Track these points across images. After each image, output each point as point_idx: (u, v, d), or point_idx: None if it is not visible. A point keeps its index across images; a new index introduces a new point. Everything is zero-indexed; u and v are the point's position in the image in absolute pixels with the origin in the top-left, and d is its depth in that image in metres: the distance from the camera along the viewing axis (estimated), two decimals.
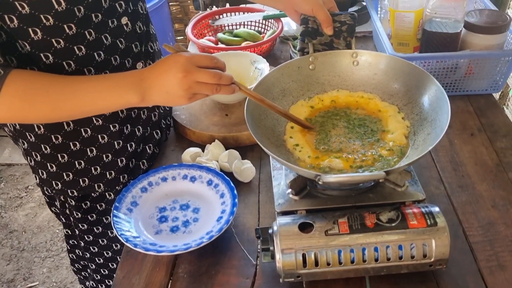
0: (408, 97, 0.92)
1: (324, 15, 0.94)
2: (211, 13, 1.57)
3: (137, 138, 1.02)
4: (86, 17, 0.82)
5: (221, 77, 0.80)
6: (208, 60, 0.80)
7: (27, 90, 0.78)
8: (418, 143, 0.85)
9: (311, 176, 0.74)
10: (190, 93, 0.79)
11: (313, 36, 0.97)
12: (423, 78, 0.89)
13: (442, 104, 0.82)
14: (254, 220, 0.92)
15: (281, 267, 0.74)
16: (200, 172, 0.98)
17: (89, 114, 0.87)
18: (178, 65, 0.77)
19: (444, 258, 0.74)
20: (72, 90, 0.80)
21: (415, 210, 0.77)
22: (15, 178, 2.58)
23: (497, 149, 1.04)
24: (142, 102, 0.81)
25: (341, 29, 0.96)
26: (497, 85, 1.21)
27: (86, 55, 0.85)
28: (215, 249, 0.86)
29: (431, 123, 0.84)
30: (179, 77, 0.77)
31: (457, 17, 1.13)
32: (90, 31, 0.83)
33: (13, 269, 2.11)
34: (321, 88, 0.98)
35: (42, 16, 0.77)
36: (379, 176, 0.71)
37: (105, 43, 0.87)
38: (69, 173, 0.97)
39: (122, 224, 0.88)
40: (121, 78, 0.82)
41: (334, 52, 0.97)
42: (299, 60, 0.97)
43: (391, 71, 0.94)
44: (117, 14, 0.88)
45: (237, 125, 1.11)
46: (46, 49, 0.81)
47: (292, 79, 0.97)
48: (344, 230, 0.75)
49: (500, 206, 0.90)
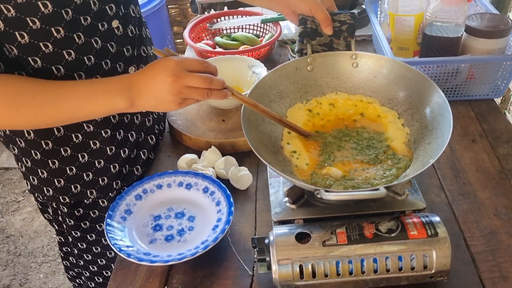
0: (409, 103, 0.90)
1: (323, 14, 0.91)
2: (209, 17, 1.55)
3: (130, 144, 1.00)
4: (75, 20, 0.80)
5: (212, 81, 0.78)
6: (198, 64, 0.78)
7: (12, 96, 0.76)
8: (418, 152, 0.82)
9: (310, 189, 0.72)
10: (180, 98, 0.77)
11: (312, 36, 0.95)
12: (425, 85, 0.86)
13: (443, 112, 0.80)
14: (250, 228, 0.90)
15: (277, 279, 0.72)
16: (196, 179, 0.96)
17: (76, 120, 0.85)
18: (167, 69, 0.75)
19: (446, 270, 0.72)
20: (58, 95, 0.78)
21: (415, 220, 0.75)
22: (12, 182, 2.56)
23: (499, 156, 1.01)
24: (131, 107, 0.79)
25: (341, 28, 0.93)
26: (498, 90, 1.19)
27: (75, 59, 0.83)
28: (210, 259, 0.84)
29: (432, 132, 0.82)
30: (168, 82, 0.75)
31: (458, 21, 1.11)
32: (79, 35, 0.81)
33: (9, 274, 2.09)
34: (319, 90, 0.96)
35: (28, 19, 0.75)
36: (380, 195, 0.69)
37: (95, 47, 0.85)
38: (60, 179, 0.96)
39: (115, 233, 0.86)
40: (109, 83, 0.80)
41: (333, 53, 0.95)
42: (296, 61, 0.95)
43: (392, 75, 0.92)
44: (107, 17, 0.86)
45: (234, 131, 1.09)
46: (34, 53, 0.79)
47: (289, 81, 0.94)
48: (342, 241, 0.73)
49: (502, 215, 0.88)
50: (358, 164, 0.83)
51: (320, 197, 0.69)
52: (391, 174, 0.80)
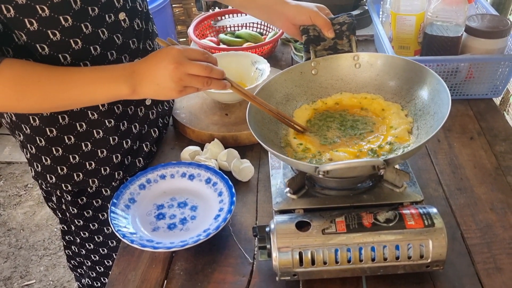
0: (411, 94, 0.92)
1: (322, 20, 0.96)
2: (213, 14, 1.57)
3: (133, 135, 1.02)
4: (83, 10, 0.82)
5: (212, 70, 0.80)
6: (199, 54, 0.81)
7: (18, 78, 0.78)
8: (421, 136, 0.85)
9: (310, 169, 0.74)
10: (180, 86, 0.79)
11: (317, 42, 0.98)
12: (422, 73, 0.89)
13: (442, 96, 0.82)
14: (251, 219, 0.92)
15: (277, 265, 0.74)
16: (198, 171, 0.98)
17: (79, 105, 0.87)
18: (170, 57, 0.78)
19: (441, 259, 0.74)
20: (63, 80, 0.80)
21: (413, 211, 0.76)
22: (14, 176, 2.58)
23: (496, 153, 1.03)
24: (133, 94, 0.81)
25: (342, 29, 0.97)
26: (497, 90, 1.21)
27: (82, 48, 0.85)
28: (212, 247, 0.86)
29: (433, 116, 0.84)
30: (170, 69, 0.77)
31: (458, 21, 1.13)
32: (86, 25, 0.84)
33: (10, 266, 2.10)
34: (324, 92, 0.99)
35: (38, 7, 0.77)
36: (378, 163, 0.70)
37: (102, 37, 0.87)
38: (63, 167, 0.97)
39: (119, 220, 0.88)
40: (113, 70, 0.82)
41: (336, 56, 0.98)
42: (301, 66, 0.98)
43: (392, 70, 0.95)
44: (115, 9, 0.88)
45: (236, 125, 1.11)
46: (42, 40, 0.81)
47: (295, 84, 0.97)
48: (342, 229, 0.74)
49: (498, 209, 0.90)
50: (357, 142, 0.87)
51: (321, 173, 0.70)
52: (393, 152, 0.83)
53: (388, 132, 0.88)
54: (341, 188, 0.84)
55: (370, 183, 0.84)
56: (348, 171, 0.76)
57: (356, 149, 0.85)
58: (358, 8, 1.57)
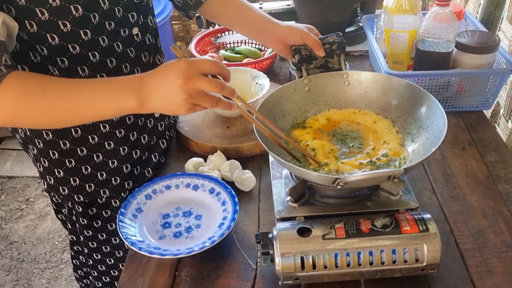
0: (400, 110, 0.97)
1: (313, 39, 1.00)
2: (213, 31, 1.63)
3: (142, 146, 1.06)
4: (100, 24, 0.87)
5: (223, 88, 0.76)
6: (212, 65, 0.76)
7: (23, 88, 0.75)
8: (419, 148, 0.90)
9: (329, 181, 0.77)
10: (189, 103, 0.75)
11: (309, 61, 1.03)
12: (413, 91, 0.95)
13: (435, 111, 0.88)
14: (254, 227, 0.96)
15: (280, 270, 0.78)
16: (202, 181, 1.02)
17: (84, 121, 0.83)
18: (178, 71, 0.73)
19: (436, 263, 0.78)
20: (69, 90, 0.77)
21: (408, 217, 0.81)
22: (16, 190, 2.61)
23: (487, 163, 1.08)
24: (141, 108, 0.77)
25: (332, 48, 1.02)
26: (487, 103, 1.26)
27: (99, 61, 0.90)
28: (216, 254, 0.90)
29: (427, 129, 0.90)
30: (178, 84, 0.73)
31: (448, 37, 1.19)
32: (103, 38, 0.88)
33: (12, 280, 2.12)
34: (317, 108, 1.03)
35: (60, 22, 0.82)
36: (398, 173, 0.75)
37: (117, 50, 0.92)
38: (76, 178, 1.01)
39: (128, 228, 0.92)
40: (121, 82, 0.79)
41: (327, 74, 1.03)
42: (294, 83, 1.03)
43: (380, 87, 1.00)
44: (129, 24, 0.92)
45: (238, 137, 1.15)
46: (62, 54, 0.86)
47: (290, 100, 1.02)
48: (341, 235, 0.79)
49: (489, 216, 0.94)
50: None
51: (342, 184, 0.74)
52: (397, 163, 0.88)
53: (382, 146, 0.92)
54: (340, 196, 0.88)
55: (367, 192, 0.88)
56: (367, 182, 0.80)
57: (357, 161, 0.89)
58: (353, 25, 1.63)
